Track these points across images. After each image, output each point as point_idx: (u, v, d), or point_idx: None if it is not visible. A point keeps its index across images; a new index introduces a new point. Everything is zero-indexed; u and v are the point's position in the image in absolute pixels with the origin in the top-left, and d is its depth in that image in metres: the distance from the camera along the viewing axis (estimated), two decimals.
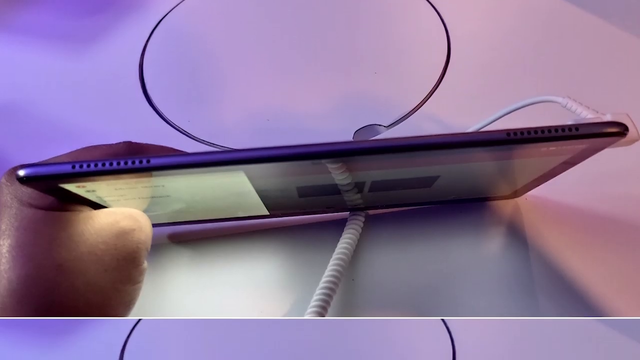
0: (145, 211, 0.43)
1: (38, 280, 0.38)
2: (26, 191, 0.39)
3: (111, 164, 0.36)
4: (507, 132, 0.36)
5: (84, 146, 0.41)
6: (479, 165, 0.45)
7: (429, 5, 0.73)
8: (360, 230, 0.53)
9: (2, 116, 0.64)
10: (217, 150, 0.54)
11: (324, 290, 0.48)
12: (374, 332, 0.60)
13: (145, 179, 0.38)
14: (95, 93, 0.66)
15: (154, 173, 0.37)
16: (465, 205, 0.55)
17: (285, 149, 0.36)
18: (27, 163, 0.36)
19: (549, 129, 0.36)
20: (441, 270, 0.52)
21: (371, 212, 0.55)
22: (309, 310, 0.47)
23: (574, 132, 0.37)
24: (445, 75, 0.65)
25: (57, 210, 0.39)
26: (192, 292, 0.52)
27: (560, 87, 0.62)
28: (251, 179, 0.41)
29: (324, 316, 0.47)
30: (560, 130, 0.36)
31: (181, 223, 0.53)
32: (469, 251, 0.53)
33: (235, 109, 0.64)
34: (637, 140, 0.39)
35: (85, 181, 0.37)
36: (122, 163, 0.36)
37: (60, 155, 0.40)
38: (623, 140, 0.38)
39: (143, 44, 0.71)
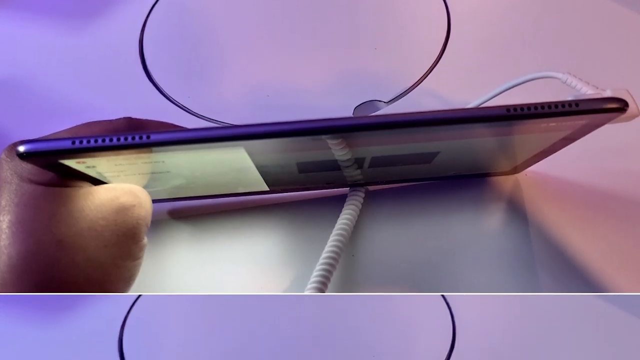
0: (145, 187, 0.43)
1: (38, 256, 0.38)
2: (26, 167, 0.39)
3: (111, 140, 0.36)
4: (507, 107, 0.36)
5: (84, 122, 0.41)
6: (479, 141, 0.45)
7: None
8: (360, 206, 0.53)
9: (2, 92, 0.64)
10: (217, 126, 0.54)
11: (324, 266, 0.48)
12: (373, 308, 0.60)
13: (145, 155, 0.38)
14: (95, 69, 0.66)
15: (154, 149, 0.37)
16: (465, 181, 0.55)
17: (285, 125, 0.36)
18: (27, 139, 0.36)
19: (549, 104, 0.36)
20: (441, 246, 0.52)
21: (371, 187, 0.55)
22: (309, 286, 0.47)
23: (573, 107, 0.37)
24: (445, 51, 0.65)
25: (57, 186, 0.39)
26: (192, 268, 0.52)
27: (560, 63, 0.62)
28: (251, 154, 0.41)
29: (324, 292, 0.47)
30: (560, 106, 0.36)
31: (181, 199, 0.54)
32: (469, 227, 0.53)
33: (235, 85, 0.64)
34: (637, 116, 0.39)
35: (85, 157, 0.37)
36: (122, 139, 0.36)
37: (61, 131, 0.40)
38: (623, 116, 0.38)
39: (143, 20, 0.71)
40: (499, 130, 0.41)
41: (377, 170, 0.50)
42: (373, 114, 0.60)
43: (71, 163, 0.38)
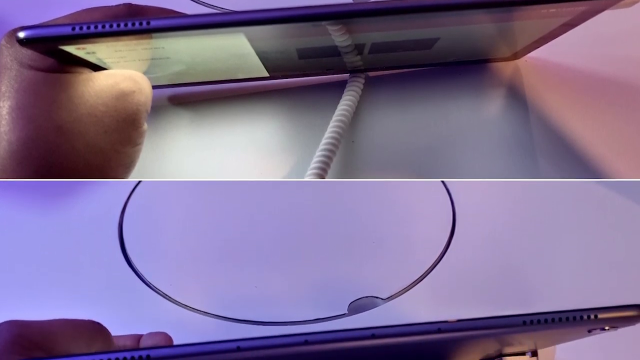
0: (145, 73, 0.44)
1: (38, 142, 0.39)
2: (26, 53, 0.39)
3: (111, 26, 0.36)
4: None
5: (84, 8, 0.41)
6: (479, 28, 0.46)
7: None
8: (360, 92, 0.54)
9: None
10: (218, 12, 0.54)
11: (323, 152, 0.49)
12: (374, 193, 0.62)
13: (145, 41, 0.39)
14: None
15: (154, 35, 0.38)
16: (465, 67, 0.56)
17: (285, 11, 0.37)
18: (27, 25, 0.37)
19: None
20: (441, 132, 0.53)
21: (371, 74, 0.56)
22: (309, 171, 0.48)
23: None
24: None
25: (57, 72, 0.40)
26: (192, 154, 0.53)
27: None
28: (251, 41, 0.41)
29: (323, 178, 0.48)
30: None
31: (181, 85, 0.54)
32: (469, 113, 0.54)
33: None
34: (637, 1, 0.40)
35: (85, 43, 0.38)
36: (122, 25, 0.36)
37: (61, 17, 0.40)
38: (623, 1, 0.39)
39: None
40: (498, 17, 0.42)
41: (377, 57, 0.51)
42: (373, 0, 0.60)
43: (71, 49, 0.38)
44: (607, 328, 0.34)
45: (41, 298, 0.54)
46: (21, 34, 0.37)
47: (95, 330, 0.38)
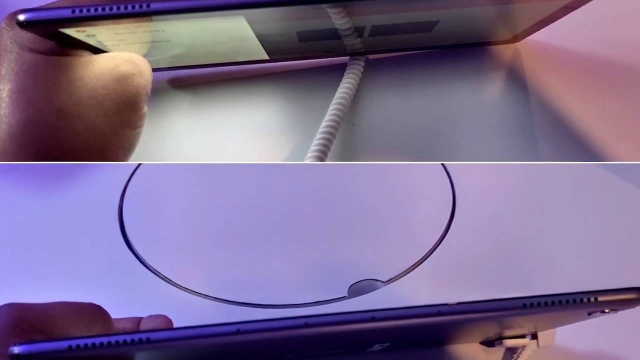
0: (145, 56, 0.44)
1: (38, 125, 0.39)
2: (26, 36, 0.39)
3: (111, 9, 0.37)
4: None
5: None
6: (479, 10, 0.45)
7: None
8: (360, 74, 0.54)
9: None
10: None
11: (324, 135, 0.49)
12: (374, 176, 0.62)
13: (145, 24, 0.39)
14: None
15: (154, 18, 0.38)
16: (465, 50, 0.56)
17: None
18: (27, 8, 0.37)
19: None
20: (441, 115, 0.54)
21: (371, 56, 0.56)
22: (309, 154, 0.49)
23: None
24: None
25: (57, 55, 0.40)
26: (192, 137, 0.54)
27: None
28: (251, 23, 0.41)
29: (323, 160, 0.48)
30: None
31: (181, 67, 0.54)
32: (469, 96, 0.54)
33: None
34: None
35: (85, 26, 0.38)
36: (122, 7, 0.37)
37: (61, 0, 0.40)
38: None
39: None
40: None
41: (378, 39, 0.51)
42: None
43: (71, 32, 0.39)
44: (607, 311, 0.35)
45: (41, 281, 0.54)
46: (21, 17, 0.37)
47: (95, 313, 0.38)
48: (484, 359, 0.48)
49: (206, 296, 0.52)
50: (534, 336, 0.46)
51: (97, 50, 0.42)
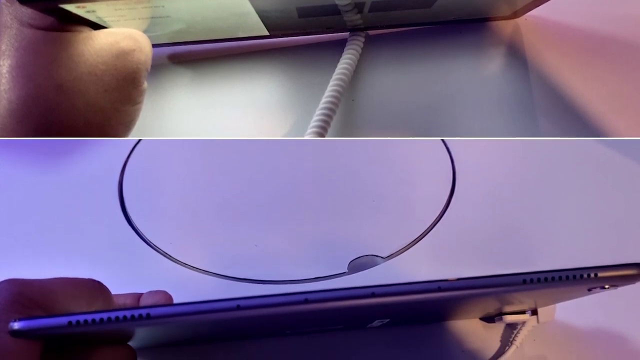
0: (145, 32, 0.44)
1: (38, 101, 0.39)
2: (26, 11, 0.39)
3: None
4: None
5: None
6: None
7: None
8: (360, 50, 0.54)
9: None
10: None
11: (324, 111, 0.49)
12: (374, 152, 0.62)
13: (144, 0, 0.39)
14: None
15: None
16: (465, 26, 0.56)
17: None
18: None
19: None
20: (441, 91, 0.54)
21: (371, 32, 0.56)
22: (309, 130, 0.49)
23: None
24: None
25: (57, 31, 0.40)
26: (192, 113, 0.54)
27: None
28: None
29: (323, 136, 0.49)
30: None
31: (181, 43, 0.54)
32: (469, 72, 0.54)
33: None
34: None
35: (85, 1, 0.38)
36: None
37: None
38: None
39: None
40: None
41: (378, 15, 0.51)
42: None
43: (71, 7, 0.39)
44: (607, 287, 0.35)
45: (41, 257, 0.54)
46: None
47: (95, 289, 0.39)
48: (484, 334, 0.48)
49: (206, 272, 0.52)
50: (534, 312, 0.46)
51: (97, 26, 0.42)
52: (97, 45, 0.41)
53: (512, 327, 0.47)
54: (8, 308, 0.34)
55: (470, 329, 0.48)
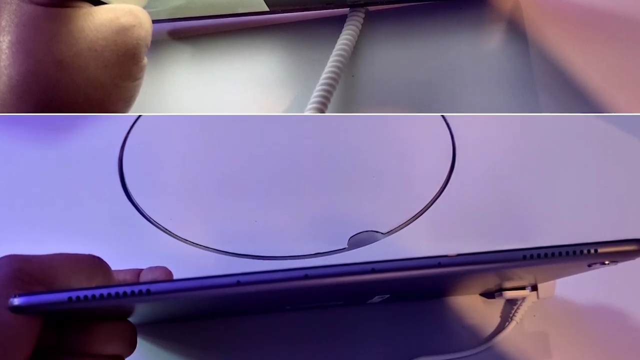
0: (145, 7, 0.44)
1: (38, 77, 0.39)
2: None
3: None
4: None
5: None
6: None
7: None
8: (360, 26, 0.54)
9: None
10: None
11: (323, 87, 0.49)
12: (374, 128, 0.62)
13: None
14: None
15: None
16: (465, 1, 0.55)
17: None
18: None
19: None
20: (441, 67, 0.54)
21: (371, 8, 0.56)
22: (309, 106, 0.49)
23: None
24: None
25: (57, 6, 0.40)
26: (192, 89, 0.54)
27: None
28: None
29: (323, 112, 0.49)
30: None
31: (181, 19, 0.54)
32: (469, 47, 0.54)
33: None
34: None
35: None
36: None
37: None
38: None
39: None
40: None
41: None
42: None
43: None
44: (607, 262, 0.35)
45: (41, 232, 0.54)
46: None
47: (95, 264, 0.39)
48: (484, 310, 0.48)
49: (206, 248, 0.52)
50: (534, 288, 0.46)
51: (96, 2, 0.42)
52: (97, 21, 0.41)
53: (512, 303, 0.48)
54: (8, 284, 0.34)
55: (470, 304, 0.48)
